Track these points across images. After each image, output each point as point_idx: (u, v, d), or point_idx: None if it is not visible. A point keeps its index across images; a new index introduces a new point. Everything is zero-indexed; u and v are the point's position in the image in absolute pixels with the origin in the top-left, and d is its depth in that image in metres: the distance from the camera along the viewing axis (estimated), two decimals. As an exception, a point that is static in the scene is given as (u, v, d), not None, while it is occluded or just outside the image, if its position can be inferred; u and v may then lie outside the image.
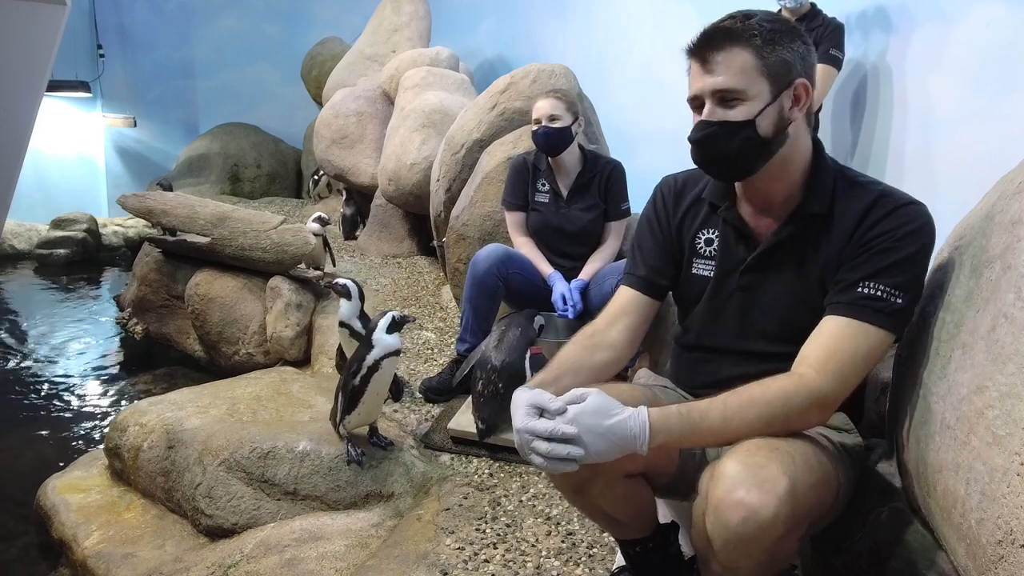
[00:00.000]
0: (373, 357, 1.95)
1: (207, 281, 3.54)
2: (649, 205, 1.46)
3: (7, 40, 2.56)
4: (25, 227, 5.77)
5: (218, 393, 2.48)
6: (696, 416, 1.09)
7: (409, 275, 4.18)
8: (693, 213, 1.39)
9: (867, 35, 3.34)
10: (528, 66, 3.33)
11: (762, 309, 1.30)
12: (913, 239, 1.14)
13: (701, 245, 1.37)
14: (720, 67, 1.17)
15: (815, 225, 1.23)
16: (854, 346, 1.12)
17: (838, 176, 1.24)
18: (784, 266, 1.26)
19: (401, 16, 5.72)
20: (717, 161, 1.23)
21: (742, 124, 1.17)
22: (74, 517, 2.11)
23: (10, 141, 2.79)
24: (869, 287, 1.13)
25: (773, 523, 0.98)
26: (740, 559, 1.04)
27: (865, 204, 1.19)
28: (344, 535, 1.82)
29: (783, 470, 1.01)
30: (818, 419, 1.14)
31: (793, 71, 1.18)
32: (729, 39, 1.17)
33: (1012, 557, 0.82)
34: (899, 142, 3.15)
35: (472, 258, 2.56)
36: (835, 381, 1.11)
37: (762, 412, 1.09)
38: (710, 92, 1.18)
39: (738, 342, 1.33)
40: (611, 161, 2.64)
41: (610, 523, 1.34)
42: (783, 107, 1.18)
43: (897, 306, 1.12)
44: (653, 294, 1.41)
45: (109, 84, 7.24)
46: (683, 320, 1.45)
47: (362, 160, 5.10)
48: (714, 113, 1.19)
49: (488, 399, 2.12)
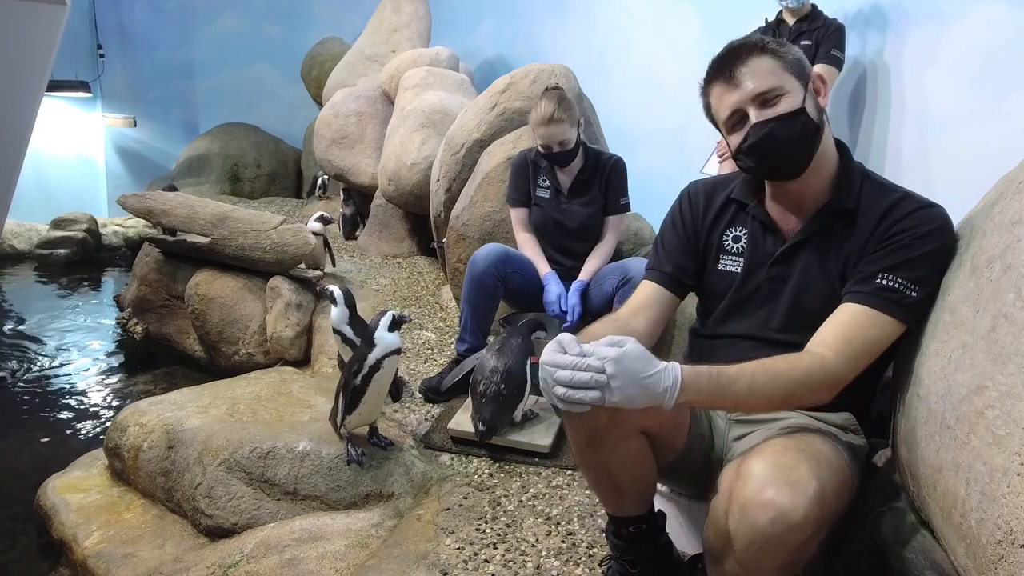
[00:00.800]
0: (375, 356, 1.95)
1: (207, 281, 3.54)
2: (676, 206, 1.51)
3: (7, 40, 2.56)
4: (25, 227, 5.77)
5: (218, 393, 2.48)
6: (725, 380, 1.11)
7: (409, 275, 4.18)
8: (722, 214, 1.44)
9: (866, 35, 3.34)
10: (528, 66, 3.33)
11: (786, 299, 1.34)
12: (933, 238, 1.19)
13: (729, 242, 1.42)
14: (750, 75, 1.23)
15: (841, 220, 1.28)
16: (869, 334, 1.17)
17: (864, 176, 1.31)
18: (810, 260, 1.31)
19: (401, 16, 5.72)
20: (781, 155, 1.25)
21: (796, 113, 1.22)
22: (74, 517, 2.11)
23: (10, 141, 2.79)
24: (887, 279, 1.18)
25: (803, 525, 0.99)
26: (764, 559, 1.04)
27: (890, 202, 1.25)
28: (344, 535, 1.82)
29: (813, 473, 1.03)
30: (826, 398, 1.17)
31: (806, 66, 1.27)
32: (747, 51, 1.24)
33: (1012, 557, 0.82)
34: (899, 142, 3.15)
35: (470, 257, 2.56)
36: (848, 365, 1.16)
37: (785, 387, 1.12)
38: (751, 98, 1.23)
39: (760, 331, 1.36)
40: (612, 157, 2.63)
41: (612, 491, 1.33)
42: (814, 96, 1.27)
43: (912, 299, 1.17)
44: (676, 290, 1.45)
45: (109, 84, 7.24)
46: (705, 315, 1.49)
47: (362, 160, 5.10)
48: (763, 114, 1.23)
49: (489, 400, 2.12)
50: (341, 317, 2.47)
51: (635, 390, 1.04)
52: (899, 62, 3.15)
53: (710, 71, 1.29)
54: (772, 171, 1.31)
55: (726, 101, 1.26)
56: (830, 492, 1.04)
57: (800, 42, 3.11)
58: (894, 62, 3.18)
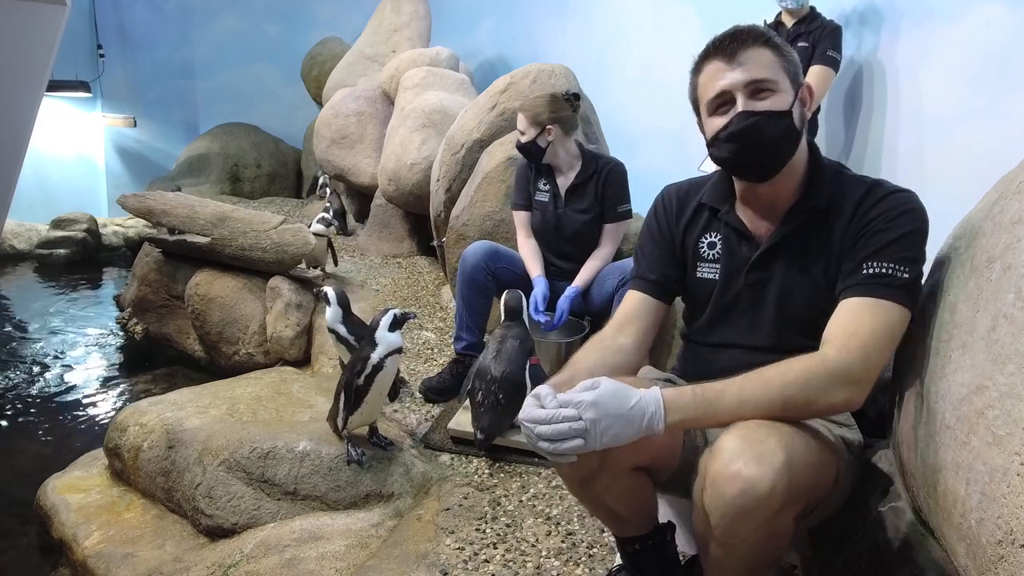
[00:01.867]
0: (378, 355, 1.95)
1: (207, 281, 3.54)
2: (651, 213, 1.48)
3: (7, 40, 2.56)
4: (25, 227, 5.77)
5: (218, 393, 2.48)
6: (711, 396, 1.09)
7: (409, 275, 4.18)
8: (696, 219, 1.41)
9: (863, 35, 3.34)
10: (528, 66, 3.33)
11: (770, 305, 1.31)
12: (907, 219, 1.17)
13: (704, 249, 1.39)
14: (750, 61, 1.19)
15: (814, 220, 1.26)
16: (872, 322, 1.13)
17: (834, 173, 1.28)
18: (788, 262, 1.29)
19: (401, 16, 5.72)
20: (759, 151, 1.22)
21: (783, 113, 1.20)
22: (74, 517, 2.11)
23: (10, 141, 2.79)
24: (873, 266, 1.16)
25: (770, 495, 0.99)
26: (738, 533, 1.04)
27: (860, 193, 1.23)
28: (344, 535, 1.82)
29: (781, 445, 1.02)
30: (846, 398, 1.10)
31: (801, 74, 1.24)
32: (753, 38, 1.21)
33: (1012, 557, 0.82)
34: (897, 142, 3.15)
35: (460, 255, 2.56)
36: (858, 357, 1.10)
37: (779, 393, 1.08)
38: (743, 85, 1.19)
39: (748, 337, 1.34)
40: (610, 161, 2.58)
41: (612, 519, 1.34)
42: (801, 106, 1.24)
43: (904, 279, 1.14)
44: (662, 297, 1.43)
45: (109, 84, 7.23)
46: (691, 320, 1.47)
47: (362, 160, 5.10)
48: (751, 105, 1.20)
49: (488, 408, 2.12)
50: (335, 316, 2.49)
51: (620, 426, 1.04)
52: (896, 62, 3.15)
53: (711, 47, 1.24)
54: (745, 166, 1.27)
55: (719, 80, 1.21)
56: (801, 466, 1.03)
57: (797, 43, 3.11)
58: (890, 62, 3.18)
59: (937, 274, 1.23)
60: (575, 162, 2.57)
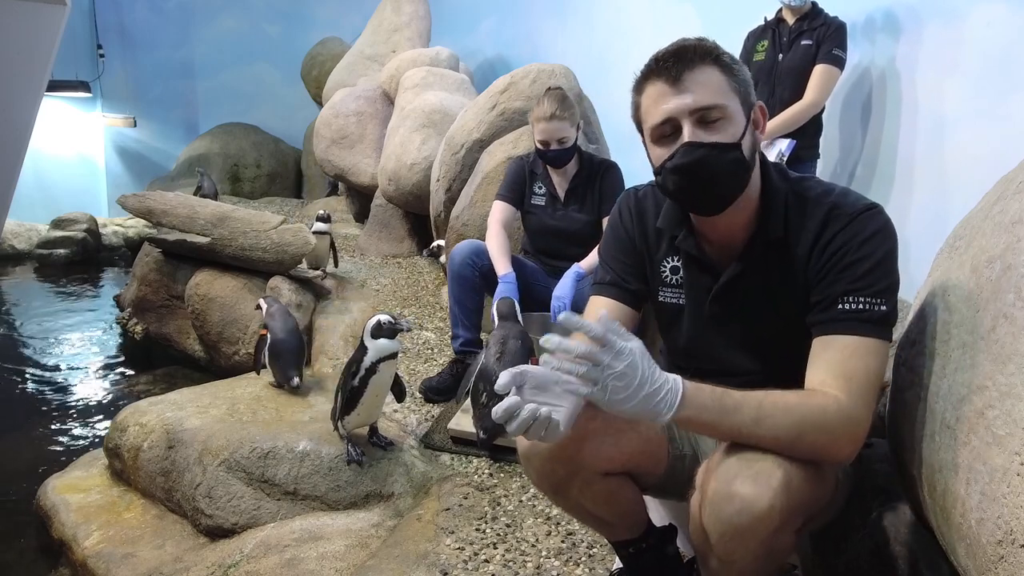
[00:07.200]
0: (369, 360, 1.95)
1: (207, 281, 3.54)
2: (615, 217, 1.39)
3: (7, 40, 2.56)
4: (25, 227, 5.77)
5: (218, 393, 2.48)
6: (729, 404, 1.03)
7: (409, 275, 4.18)
8: (656, 241, 1.33)
9: (871, 38, 3.33)
10: (528, 66, 3.34)
11: (736, 333, 1.28)
12: (876, 242, 1.11)
13: (667, 274, 1.33)
14: (696, 84, 1.09)
15: (773, 249, 1.19)
16: (864, 363, 1.07)
17: (788, 195, 1.20)
18: (750, 293, 1.24)
19: (401, 16, 5.72)
20: (707, 186, 1.13)
21: (732, 145, 1.11)
22: (74, 517, 2.11)
23: (10, 141, 2.79)
24: (849, 302, 1.10)
25: (768, 515, 0.98)
26: (737, 551, 1.04)
27: (819, 220, 1.15)
28: (344, 535, 1.82)
29: (777, 463, 1.01)
30: (848, 447, 1.06)
31: (752, 94, 1.16)
32: (700, 56, 1.11)
33: (1012, 557, 0.82)
34: (897, 142, 3.14)
35: (450, 254, 2.56)
36: (862, 403, 1.05)
37: (796, 422, 1.02)
38: (688, 112, 1.10)
39: (726, 364, 1.31)
40: (606, 162, 2.62)
41: (598, 523, 1.33)
42: (753, 129, 1.16)
43: (882, 312, 1.10)
44: (636, 306, 1.35)
45: (109, 84, 7.24)
46: (667, 341, 1.43)
47: (362, 160, 5.11)
48: (698, 135, 1.10)
49: (491, 410, 2.12)
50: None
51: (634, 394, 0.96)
52: (896, 63, 3.15)
53: (653, 64, 1.13)
54: (692, 200, 1.19)
55: (662, 105, 1.11)
56: (799, 481, 1.01)
57: (801, 41, 3.08)
58: (891, 62, 3.17)
59: (937, 274, 1.22)
60: (574, 163, 2.58)
